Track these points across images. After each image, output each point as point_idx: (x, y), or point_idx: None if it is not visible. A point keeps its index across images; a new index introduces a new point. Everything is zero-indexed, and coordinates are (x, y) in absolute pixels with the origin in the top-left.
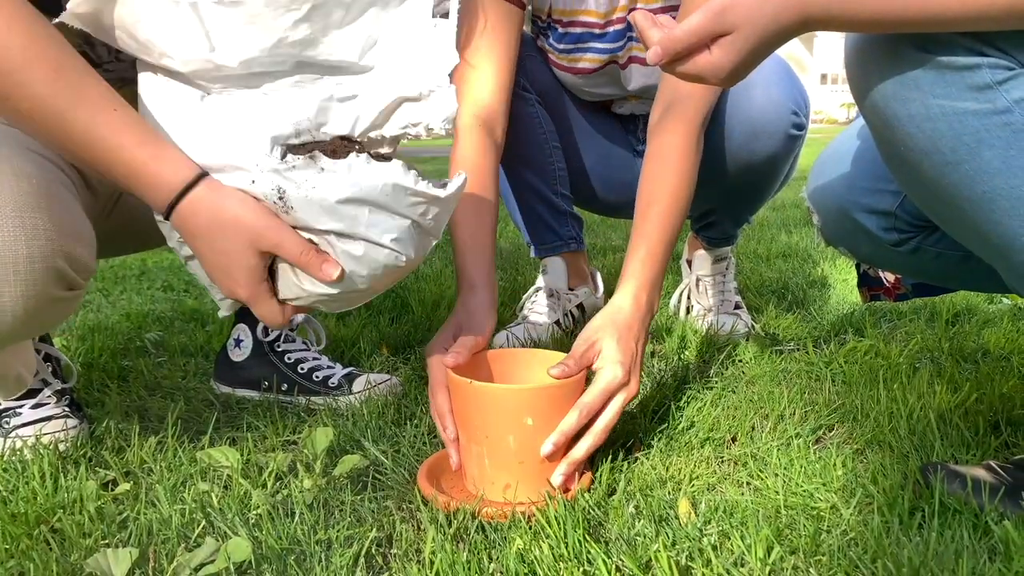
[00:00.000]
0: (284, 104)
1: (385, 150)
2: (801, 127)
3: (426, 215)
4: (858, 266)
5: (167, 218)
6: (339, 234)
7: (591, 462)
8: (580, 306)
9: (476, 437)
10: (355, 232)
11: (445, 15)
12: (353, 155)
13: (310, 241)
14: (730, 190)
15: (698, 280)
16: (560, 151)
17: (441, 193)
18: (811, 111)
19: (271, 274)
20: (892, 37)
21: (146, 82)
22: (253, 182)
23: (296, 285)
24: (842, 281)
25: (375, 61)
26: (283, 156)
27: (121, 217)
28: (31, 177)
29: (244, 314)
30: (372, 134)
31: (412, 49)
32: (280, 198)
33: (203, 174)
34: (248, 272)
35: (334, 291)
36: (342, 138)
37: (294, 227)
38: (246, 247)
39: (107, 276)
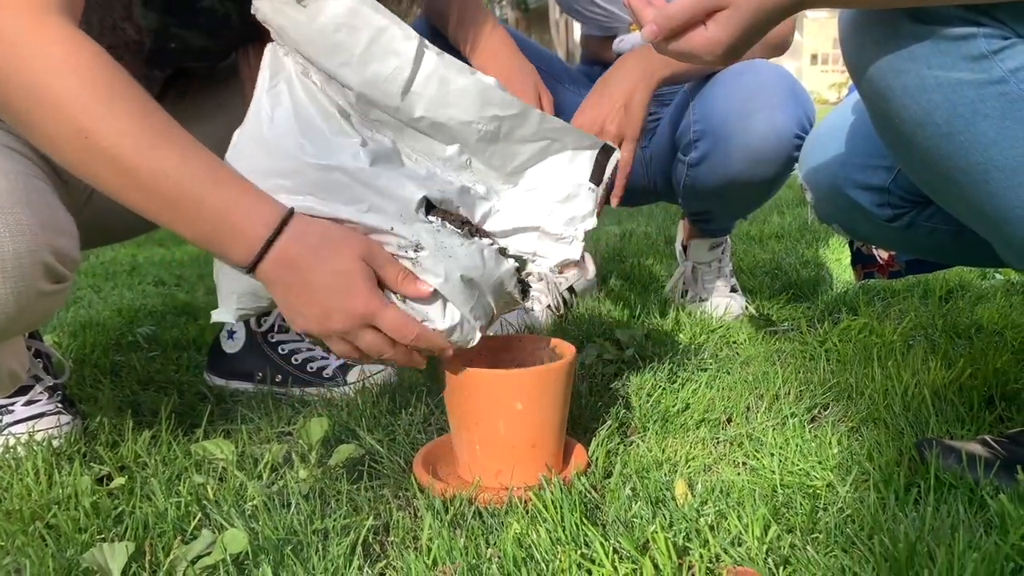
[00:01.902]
0: (434, 171)
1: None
2: (802, 145)
3: (502, 309)
4: (851, 244)
5: (263, 255)
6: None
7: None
8: (571, 289)
9: (467, 423)
10: (456, 303)
11: (598, 183)
12: (488, 241)
13: None
14: (726, 202)
15: (694, 267)
16: None
17: (524, 305)
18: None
19: None
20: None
21: (283, 76)
22: (391, 228)
23: None
24: (835, 261)
25: (521, 181)
26: (427, 214)
27: (94, 210)
28: (7, 173)
29: None
30: (495, 239)
31: (563, 194)
32: (415, 249)
33: (292, 210)
34: (370, 283)
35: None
36: (464, 221)
37: None
38: (359, 260)
39: (98, 272)
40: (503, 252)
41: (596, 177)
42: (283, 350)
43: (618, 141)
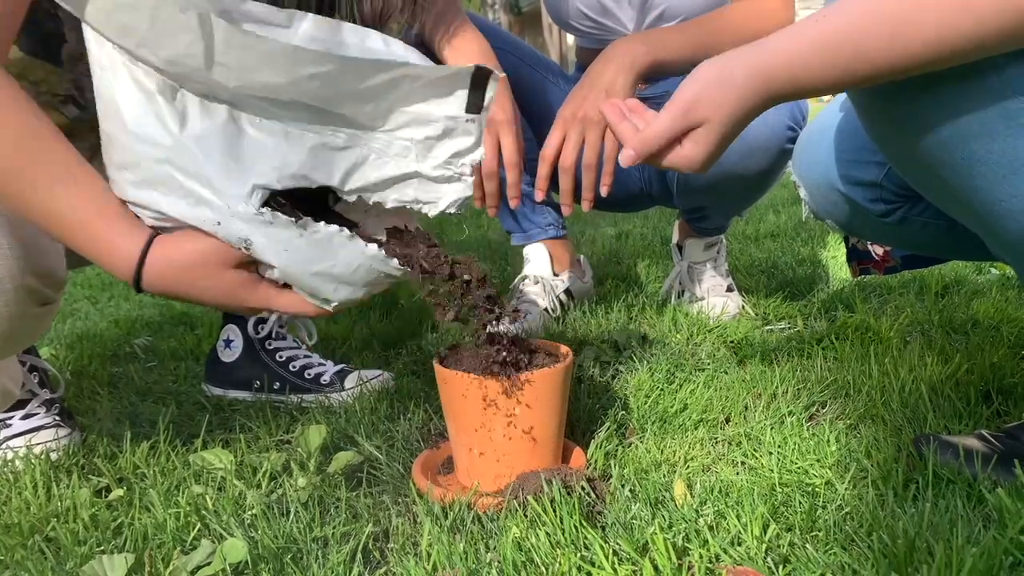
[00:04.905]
0: (273, 144)
1: (359, 217)
2: (796, 138)
3: (382, 285)
4: (847, 240)
5: (138, 283)
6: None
7: (584, 448)
8: (568, 291)
9: (465, 428)
10: (315, 295)
11: (478, 111)
12: (335, 228)
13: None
14: (721, 196)
15: (690, 267)
16: (532, 141)
17: (408, 274)
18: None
19: None
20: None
21: (107, 62)
22: (219, 224)
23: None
24: (831, 258)
25: (388, 123)
26: (263, 204)
27: None
28: None
29: (233, 315)
30: (367, 196)
31: (437, 131)
32: (246, 249)
33: (154, 235)
34: (247, 285)
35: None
36: (326, 188)
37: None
38: (224, 270)
39: (94, 283)
40: (365, 208)
41: (474, 106)
42: (280, 357)
43: (602, 128)
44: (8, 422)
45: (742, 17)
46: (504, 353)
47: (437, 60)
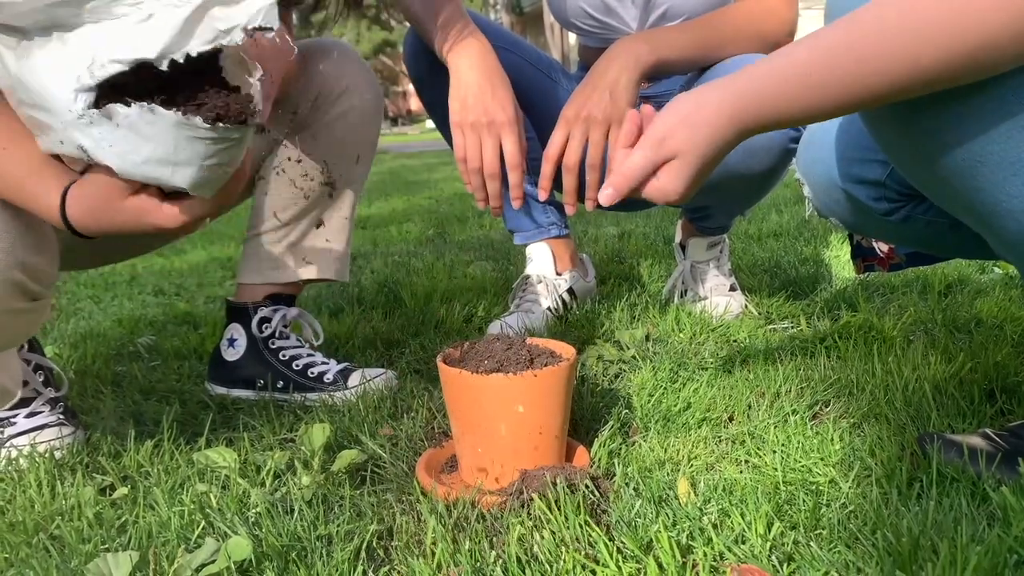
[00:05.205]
0: (85, 43)
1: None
2: (799, 138)
3: (222, 154)
4: (851, 237)
5: (69, 225)
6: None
7: (588, 447)
8: (571, 291)
9: (469, 427)
10: (165, 186)
11: None
12: (137, 106)
13: None
14: (724, 196)
15: (693, 266)
16: (535, 140)
17: (237, 132)
18: None
19: None
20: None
21: None
22: (61, 143)
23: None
24: (834, 258)
25: None
26: (90, 105)
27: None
28: None
29: (237, 314)
30: (177, 56)
31: None
32: (88, 158)
33: (71, 183)
34: (146, 212)
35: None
36: (144, 68)
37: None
38: (123, 199)
39: (97, 283)
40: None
41: None
42: (284, 356)
43: (606, 127)
44: (12, 420)
45: (745, 15)
46: None
47: (440, 63)
